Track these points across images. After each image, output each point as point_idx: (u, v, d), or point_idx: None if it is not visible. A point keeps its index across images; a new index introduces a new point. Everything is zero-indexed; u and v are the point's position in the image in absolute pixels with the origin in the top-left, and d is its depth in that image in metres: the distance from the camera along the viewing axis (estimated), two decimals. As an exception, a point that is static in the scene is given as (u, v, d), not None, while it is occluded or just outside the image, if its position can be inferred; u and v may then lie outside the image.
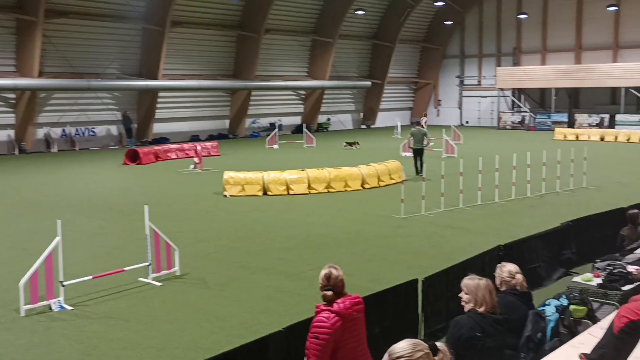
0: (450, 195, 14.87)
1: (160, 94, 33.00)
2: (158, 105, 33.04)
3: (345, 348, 4.37)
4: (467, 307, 4.86)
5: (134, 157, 24.86)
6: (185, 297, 8.69)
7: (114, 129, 32.71)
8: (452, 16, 43.92)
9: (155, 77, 31.73)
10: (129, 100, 32.83)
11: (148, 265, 9.27)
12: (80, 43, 30.11)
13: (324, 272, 4.55)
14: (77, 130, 31.32)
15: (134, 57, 32.46)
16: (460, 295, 4.92)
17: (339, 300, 4.44)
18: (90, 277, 8.78)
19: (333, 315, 4.37)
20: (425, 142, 20.28)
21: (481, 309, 4.78)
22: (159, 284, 9.19)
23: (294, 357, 5.38)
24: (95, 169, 23.55)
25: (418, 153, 20.29)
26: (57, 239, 8.04)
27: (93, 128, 31.94)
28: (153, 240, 9.37)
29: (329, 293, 4.46)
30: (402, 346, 2.69)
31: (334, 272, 4.52)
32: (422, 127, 20.05)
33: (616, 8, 37.46)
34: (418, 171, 19.88)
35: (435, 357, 2.67)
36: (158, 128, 33.67)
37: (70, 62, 29.88)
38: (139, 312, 8.10)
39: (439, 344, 2.68)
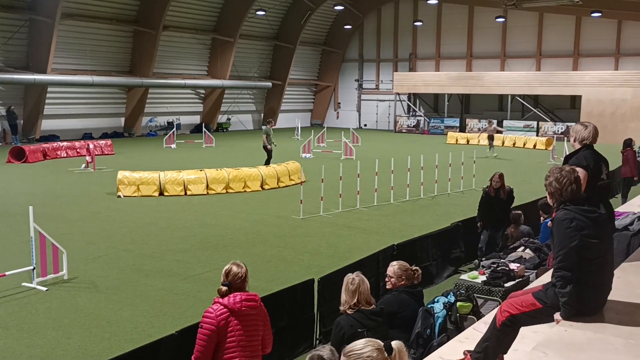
0: (348, 196, 15.16)
1: (50, 89, 31.30)
2: (47, 101, 31.30)
3: (231, 342, 4.39)
4: (344, 307, 5.03)
5: (19, 155, 23.46)
6: (73, 302, 8.30)
7: (-3, 125, 30.72)
8: (351, 20, 44.76)
9: (44, 71, 30.04)
10: (15, 95, 30.88)
11: (32, 269, 8.77)
12: (-40, 32, 28.05)
13: (225, 267, 4.60)
14: (-45, 125, 29.16)
15: (21, 49, 30.59)
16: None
17: (230, 295, 4.49)
18: (-33, 282, 8.20)
19: (221, 307, 4.43)
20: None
21: (355, 308, 4.95)
22: (44, 288, 8.72)
23: (187, 361, 5.27)
24: (-25, 167, 22.01)
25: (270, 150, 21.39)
26: None
27: (-26, 123, 29.86)
28: (38, 242, 8.87)
29: (224, 289, 4.51)
30: (355, 342, 2.72)
31: (235, 268, 4.56)
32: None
33: (503, 19, 39.66)
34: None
35: (390, 356, 2.66)
36: (47, 125, 31.91)
37: (-52, 52, 27.77)
38: (21, 319, 7.65)
39: (394, 343, 2.67)
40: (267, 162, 20.93)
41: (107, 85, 34.13)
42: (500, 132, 29.77)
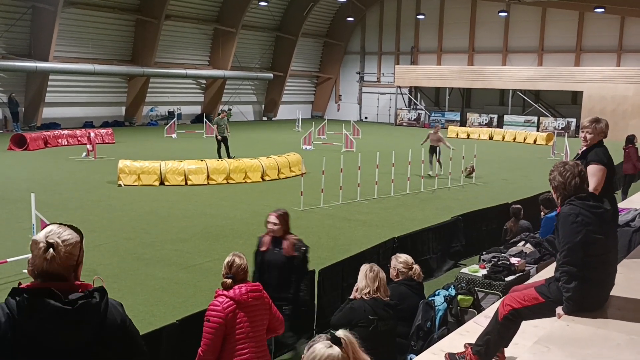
0: (349, 189, 15.16)
1: (52, 77, 31.22)
2: (49, 89, 31.24)
3: (240, 334, 4.38)
4: (360, 293, 5.06)
5: (20, 143, 23.44)
6: (74, 289, 8.31)
7: (-2, 112, 30.68)
8: (354, 13, 44.62)
9: (46, 59, 29.97)
10: (16, 82, 30.83)
11: (34, 256, 8.77)
12: (-39, 18, 27.97)
13: (227, 259, 4.58)
14: (-44, 111, 29.11)
15: (23, 37, 30.51)
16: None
17: (235, 287, 4.47)
18: (-32, 269, 8.21)
19: (227, 299, 4.41)
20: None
21: (373, 295, 4.99)
22: (45, 276, 8.72)
23: (187, 350, 5.28)
24: (-24, 153, 22.01)
25: (225, 141, 21.35)
26: None
27: (-26, 110, 29.82)
28: (39, 229, 8.87)
29: (229, 281, 4.50)
30: (312, 350, 2.58)
31: (237, 260, 4.56)
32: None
33: (506, 14, 39.56)
34: (220, 156, 20.64)
35: (342, 347, 2.40)
36: (48, 113, 31.88)
37: (-51, 38, 27.69)
38: (23, 305, 7.66)
39: (340, 332, 2.44)
40: (219, 153, 21.01)
41: (109, 74, 34.08)
42: (447, 145, 18.88)
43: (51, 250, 2.41)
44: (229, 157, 20.26)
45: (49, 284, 2.38)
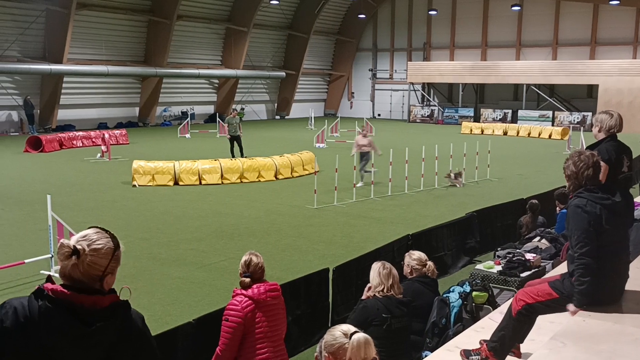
0: (362, 187, 15.15)
1: (66, 79, 31.50)
2: (63, 91, 31.52)
3: (259, 334, 4.38)
4: (373, 292, 5.05)
5: (36, 145, 23.67)
6: (90, 289, 8.38)
7: (14, 115, 30.96)
8: (365, 10, 44.52)
9: (60, 61, 30.24)
10: (32, 85, 31.15)
11: (51, 257, 8.87)
12: (-23, 22, 28.27)
13: (244, 258, 4.56)
14: (-27, 115, 29.46)
15: (37, 40, 30.80)
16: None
17: (254, 286, 4.46)
18: (-13, 270, 8.31)
19: (246, 299, 4.39)
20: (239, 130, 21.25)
21: (387, 292, 4.98)
22: (62, 276, 8.81)
23: (204, 349, 5.32)
24: (-7, 156, 22.26)
25: (235, 139, 21.15)
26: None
27: (-9, 113, 30.15)
28: (56, 231, 8.96)
29: (247, 280, 4.48)
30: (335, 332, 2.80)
31: (254, 259, 4.54)
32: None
33: (519, 8, 39.26)
34: (233, 155, 20.57)
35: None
36: (63, 114, 32.16)
37: (-35, 42, 28.01)
38: (41, 306, 7.74)
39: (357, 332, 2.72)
40: (232, 152, 20.93)
41: (122, 75, 34.30)
42: (376, 151, 16.18)
43: (74, 257, 2.31)
44: (242, 156, 20.30)
45: (70, 296, 2.28)
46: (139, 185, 16.40)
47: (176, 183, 16.80)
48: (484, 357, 4.27)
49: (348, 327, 2.83)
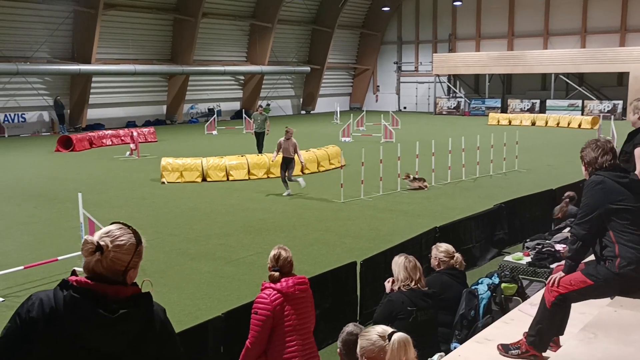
0: (389, 180, 15.11)
1: (94, 79, 32.00)
2: (92, 90, 32.04)
3: (288, 327, 4.41)
4: (398, 285, 5.05)
5: (66, 144, 24.09)
6: (122, 285, 8.52)
7: (45, 115, 31.56)
8: (389, 2, 44.29)
9: (88, 62, 30.73)
10: (61, 85, 31.71)
11: (83, 254, 9.02)
12: (7, 25, 28.80)
13: (273, 252, 4.58)
14: (5, 116, 30.05)
15: (66, 40, 31.32)
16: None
17: (282, 279, 4.48)
18: (22, 267, 8.51)
19: (275, 292, 4.42)
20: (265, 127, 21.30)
21: (413, 285, 4.98)
22: (94, 272, 8.96)
23: (233, 342, 5.38)
24: (25, 156, 22.70)
25: (258, 136, 21.24)
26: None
27: (23, 114, 30.73)
28: (87, 228, 9.12)
29: (276, 274, 4.50)
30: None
31: (283, 253, 4.56)
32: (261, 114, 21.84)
33: (546, -4, 38.70)
34: (260, 151, 20.54)
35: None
36: (92, 114, 32.69)
37: (-4, 45, 28.60)
38: (74, 301, 7.89)
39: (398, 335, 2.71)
40: (258, 148, 20.94)
41: (149, 74, 34.71)
42: (299, 158, 14.98)
43: (97, 253, 2.37)
44: (259, 153, 20.15)
45: (94, 285, 2.35)
46: (167, 182, 16.60)
47: (204, 179, 16.96)
48: (524, 350, 4.24)
49: (383, 329, 2.78)
